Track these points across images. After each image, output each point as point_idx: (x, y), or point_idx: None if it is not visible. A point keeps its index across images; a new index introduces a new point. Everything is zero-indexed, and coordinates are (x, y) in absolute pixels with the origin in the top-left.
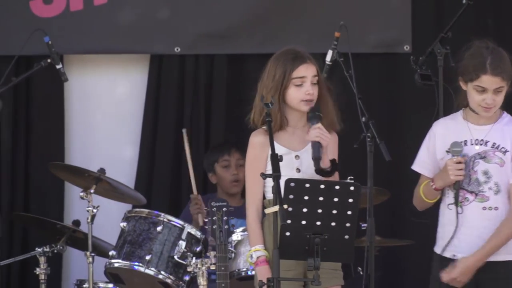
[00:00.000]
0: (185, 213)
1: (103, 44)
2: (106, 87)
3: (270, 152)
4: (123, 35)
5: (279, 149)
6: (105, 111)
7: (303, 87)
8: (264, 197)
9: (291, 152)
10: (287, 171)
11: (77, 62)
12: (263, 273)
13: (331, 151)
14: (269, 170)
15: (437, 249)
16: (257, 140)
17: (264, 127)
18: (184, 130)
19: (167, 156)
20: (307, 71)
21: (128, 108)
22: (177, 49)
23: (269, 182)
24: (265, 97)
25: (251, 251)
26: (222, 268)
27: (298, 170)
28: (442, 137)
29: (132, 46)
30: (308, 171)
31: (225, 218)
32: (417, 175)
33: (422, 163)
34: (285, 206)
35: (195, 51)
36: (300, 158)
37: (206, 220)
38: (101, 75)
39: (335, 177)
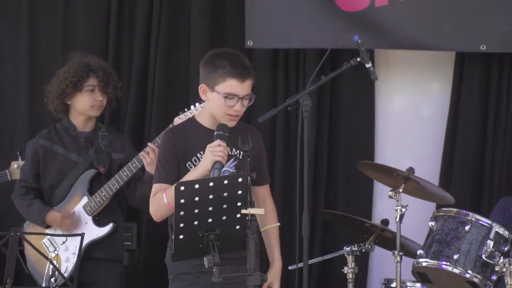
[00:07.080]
0: (494, 214)
1: (409, 40)
2: (414, 85)
3: None
4: (429, 31)
5: None
6: (413, 109)
7: None
8: None
9: None
10: None
11: (385, 59)
12: None
13: None
14: None
15: None
16: None
17: None
18: None
19: (468, 154)
20: None
21: (435, 107)
22: (483, 47)
23: None
24: None
25: None
26: None
27: None
28: None
29: (438, 43)
30: None
31: None
32: None
33: None
34: None
35: (500, 49)
36: None
37: None
38: (408, 72)
39: None
